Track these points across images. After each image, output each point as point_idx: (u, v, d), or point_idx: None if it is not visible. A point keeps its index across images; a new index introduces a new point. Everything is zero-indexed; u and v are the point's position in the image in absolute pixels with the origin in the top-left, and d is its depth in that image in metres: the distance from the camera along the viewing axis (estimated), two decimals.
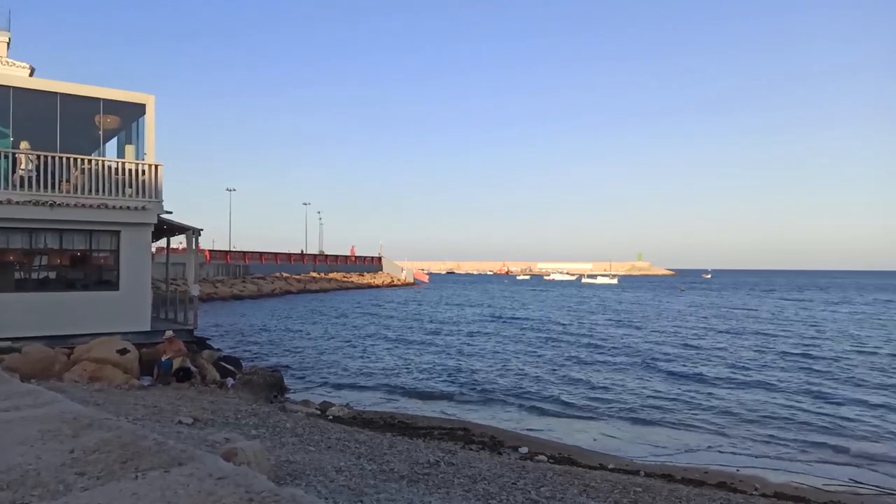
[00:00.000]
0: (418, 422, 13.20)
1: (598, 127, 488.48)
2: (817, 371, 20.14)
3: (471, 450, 10.50)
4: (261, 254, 73.10)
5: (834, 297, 70.06)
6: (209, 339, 22.34)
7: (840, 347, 25.94)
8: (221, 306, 46.13)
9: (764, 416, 14.08)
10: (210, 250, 65.06)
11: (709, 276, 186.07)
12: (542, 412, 14.74)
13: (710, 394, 16.53)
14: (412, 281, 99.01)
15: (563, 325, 35.91)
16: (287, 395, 15.51)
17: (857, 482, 9.87)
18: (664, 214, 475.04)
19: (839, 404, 15.32)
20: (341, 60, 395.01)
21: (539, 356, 23.23)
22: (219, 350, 19.87)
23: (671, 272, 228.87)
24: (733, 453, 11.51)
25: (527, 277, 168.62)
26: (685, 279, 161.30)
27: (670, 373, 19.66)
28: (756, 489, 9.18)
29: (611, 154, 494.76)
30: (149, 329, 16.27)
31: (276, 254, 76.02)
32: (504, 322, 37.61)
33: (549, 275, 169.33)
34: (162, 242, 22.34)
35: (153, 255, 21.34)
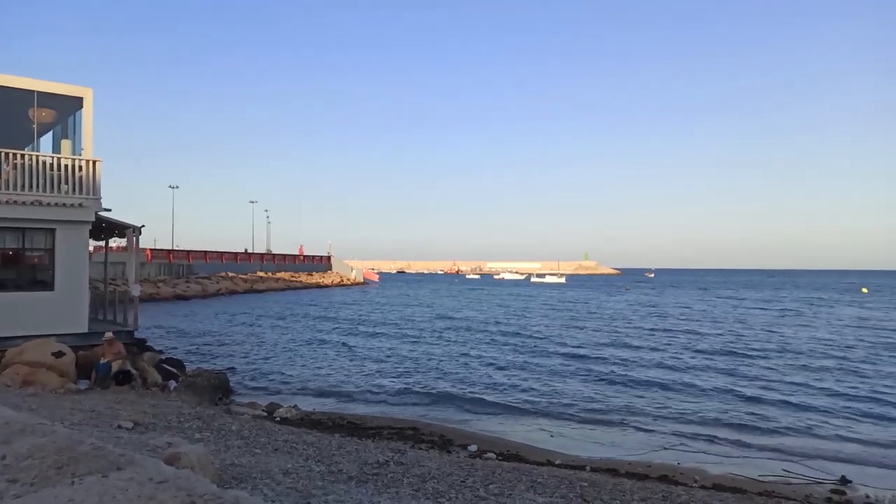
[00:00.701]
0: (367, 422, 13.14)
1: (548, 130, 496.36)
2: (747, 368, 20.94)
3: (420, 449, 10.52)
4: (205, 253, 71.28)
5: (765, 295, 72.93)
6: (150, 340, 21.67)
7: (768, 345, 27.02)
8: (164, 307, 44.79)
9: (701, 414, 14.55)
10: (152, 249, 63.15)
11: (652, 275, 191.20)
12: (490, 411, 14.88)
13: (648, 392, 17.01)
14: (362, 280, 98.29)
15: (510, 325, 36.33)
16: (232, 398, 15.21)
17: (788, 473, 10.33)
18: (610, 215, 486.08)
19: (770, 402, 15.95)
20: (289, 55, 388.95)
21: (486, 356, 23.44)
22: (160, 352, 19.32)
23: (616, 271, 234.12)
24: (674, 449, 11.88)
25: (477, 277, 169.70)
26: (629, 278, 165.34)
27: (612, 372, 20.12)
28: (696, 481, 9.50)
29: (559, 156, 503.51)
30: (86, 331, 15.66)
31: (221, 253, 74.26)
32: (452, 322, 37.77)
33: (498, 274, 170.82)
34: (101, 241, 21.54)
35: (91, 254, 20.56)
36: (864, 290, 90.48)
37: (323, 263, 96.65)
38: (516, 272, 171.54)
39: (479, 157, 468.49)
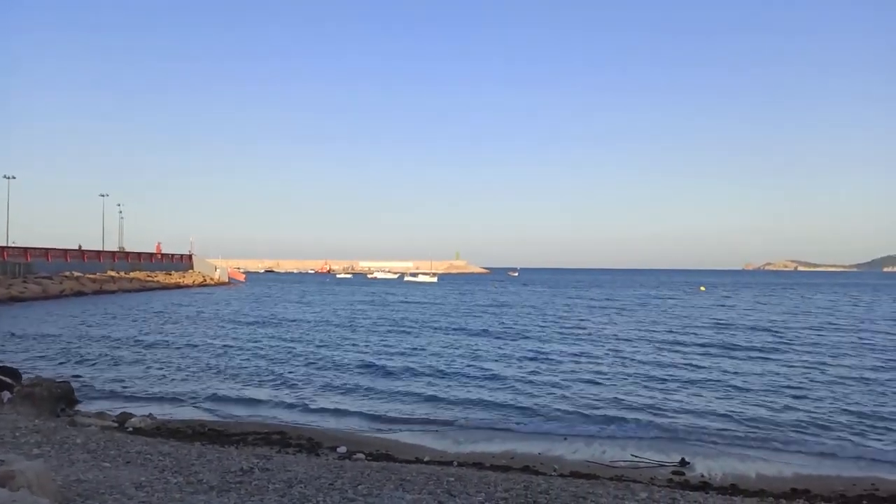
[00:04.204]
0: (231, 428, 12.62)
1: (418, 131, 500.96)
2: (592, 359, 22.50)
3: (287, 453, 10.28)
4: (47, 250, 64.81)
5: (605, 293, 78.49)
6: None
7: (612, 334, 29.19)
8: None
9: (556, 405, 15.37)
10: None
11: (516, 273, 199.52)
12: (359, 410, 14.83)
13: (507, 384, 17.74)
14: (227, 280, 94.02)
15: (382, 322, 36.44)
16: (78, 408, 13.99)
17: (636, 458, 11.21)
18: (480, 215, 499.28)
19: (615, 390, 17.23)
20: (145, 32, 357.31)
21: (351, 354, 23.34)
22: None
23: (485, 270, 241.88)
24: (535, 440, 12.50)
25: (349, 276, 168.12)
26: (495, 277, 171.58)
27: (478, 368, 20.77)
28: (555, 470, 10.07)
29: (431, 156, 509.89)
30: None
31: (65, 250, 67.89)
32: (319, 324, 37.21)
33: (371, 273, 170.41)
34: None
35: None
36: (702, 287, 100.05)
37: (183, 262, 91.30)
38: (389, 271, 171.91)
39: (350, 155, 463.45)
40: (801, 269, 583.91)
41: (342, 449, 10.94)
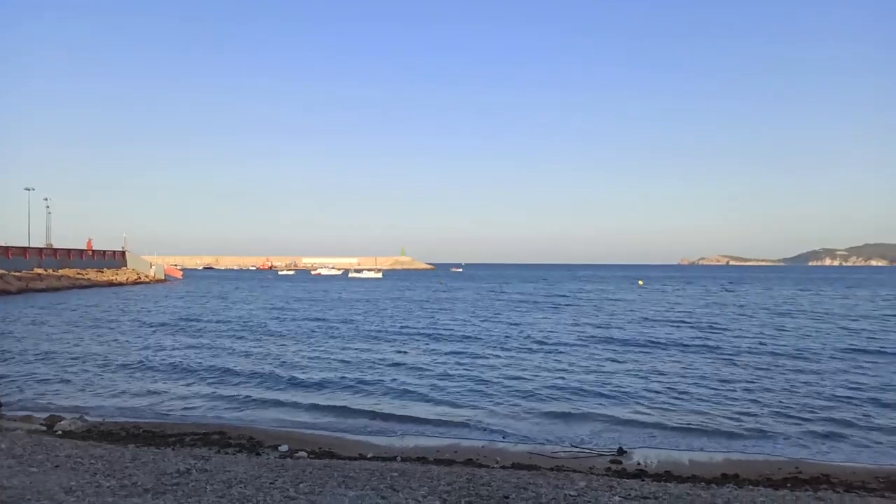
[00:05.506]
0: (167, 429, 12.26)
1: (360, 126, 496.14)
2: (525, 356, 22.89)
3: (227, 453, 10.06)
4: None
5: (543, 287, 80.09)
6: None
7: (559, 333, 29.81)
8: None
9: (498, 399, 15.64)
10: None
11: (460, 269, 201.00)
12: (299, 407, 14.66)
13: (434, 393, 17.85)
14: (163, 277, 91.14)
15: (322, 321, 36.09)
16: (2, 412, 13.31)
17: (576, 448, 11.49)
18: (425, 211, 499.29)
19: (553, 386, 17.61)
20: (73, 20, 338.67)
21: (277, 366, 23.02)
22: None
23: (430, 266, 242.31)
24: (478, 434, 12.64)
25: (291, 273, 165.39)
26: (440, 273, 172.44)
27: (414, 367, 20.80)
28: (497, 462, 10.21)
29: (372, 150, 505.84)
30: None
31: None
32: (246, 325, 36.55)
33: (315, 269, 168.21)
34: None
35: None
36: (640, 282, 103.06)
37: (116, 259, 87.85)
38: (333, 268, 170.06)
39: (295, 151, 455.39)
40: (732, 263, 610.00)
41: (284, 447, 10.79)
